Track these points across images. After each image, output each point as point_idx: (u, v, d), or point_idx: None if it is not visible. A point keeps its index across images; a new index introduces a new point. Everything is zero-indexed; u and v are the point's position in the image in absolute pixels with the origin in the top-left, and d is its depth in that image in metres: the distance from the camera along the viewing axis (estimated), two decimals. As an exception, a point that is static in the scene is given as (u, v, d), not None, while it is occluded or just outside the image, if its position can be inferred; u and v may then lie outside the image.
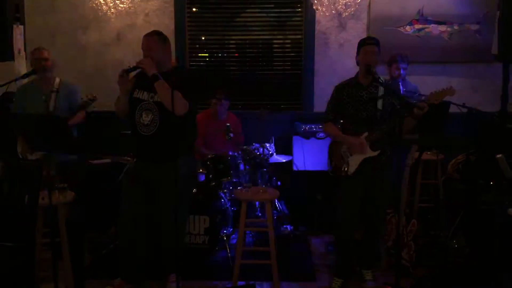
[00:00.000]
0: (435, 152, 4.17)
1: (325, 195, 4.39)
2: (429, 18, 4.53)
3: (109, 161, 4.03)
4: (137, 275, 3.18)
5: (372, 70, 3.05)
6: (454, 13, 4.51)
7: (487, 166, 3.35)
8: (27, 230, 2.70)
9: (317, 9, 4.43)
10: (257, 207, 4.08)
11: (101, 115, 4.04)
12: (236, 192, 3.45)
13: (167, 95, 2.79)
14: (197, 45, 4.92)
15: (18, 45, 4.02)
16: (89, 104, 3.71)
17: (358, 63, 3.19)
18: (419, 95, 3.63)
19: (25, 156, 3.56)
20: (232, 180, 4.05)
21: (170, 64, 3.14)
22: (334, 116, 3.24)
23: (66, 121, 3.42)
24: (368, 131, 3.08)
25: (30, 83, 3.78)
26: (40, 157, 3.39)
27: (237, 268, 3.27)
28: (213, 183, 3.97)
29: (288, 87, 4.89)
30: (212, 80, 4.77)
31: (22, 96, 3.73)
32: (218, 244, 3.76)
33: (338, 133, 3.21)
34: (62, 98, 3.71)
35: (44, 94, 3.69)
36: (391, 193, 3.28)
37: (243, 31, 4.85)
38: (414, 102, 2.94)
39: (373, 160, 3.11)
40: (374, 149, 3.09)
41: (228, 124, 4.03)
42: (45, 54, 3.68)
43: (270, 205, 3.32)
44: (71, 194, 3.19)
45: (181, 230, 3.24)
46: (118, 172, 3.80)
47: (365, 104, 3.11)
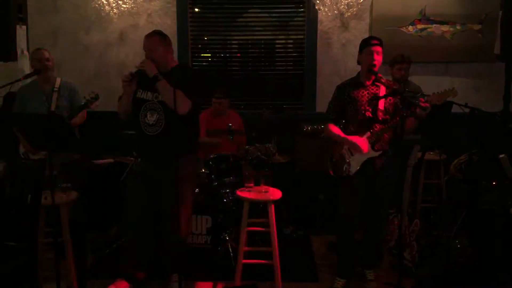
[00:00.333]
0: (437, 152, 4.16)
1: (327, 195, 4.38)
2: (432, 18, 4.52)
3: (112, 161, 4.03)
4: (140, 275, 3.18)
5: (373, 70, 3.05)
6: (456, 13, 4.50)
7: (490, 166, 3.34)
8: (30, 229, 2.69)
9: (320, 9, 4.43)
10: (260, 207, 4.07)
11: (102, 115, 4.04)
12: (238, 192, 3.45)
13: (169, 95, 2.79)
14: (199, 45, 4.93)
15: (21, 45, 4.04)
16: (93, 102, 3.70)
17: (359, 62, 3.18)
18: (421, 95, 3.62)
19: (28, 155, 3.58)
20: (234, 180, 4.05)
21: (172, 63, 3.14)
22: (336, 116, 3.22)
23: (68, 121, 3.44)
24: (370, 131, 3.08)
25: (31, 83, 3.79)
26: (43, 157, 3.39)
27: (239, 268, 3.27)
28: (215, 183, 3.97)
29: (290, 87, 4.89)
30: (213, 79, 4.77)
31: (23, 96, 3.73)
32: (220, 244, 3.76)
33: (339, 133, 3.18)
34: (63, 97, 3.72)
35: (45, 94, 3.69)
36: (393, 193, 3.27)
37: (245, 31, 4.85)
38: (417, 102, 2.93)
39: (374, 160, 3.10)
40: (375, 149, 3.09)
41: (230, 124, 4.02)
42: (46, 54, 3.69)
43: (272, 205, 3.31)
44: (74, 194, 3.20)
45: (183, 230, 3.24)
46: (120, 172, 3.81)
47: (367, 104, 3.10)
